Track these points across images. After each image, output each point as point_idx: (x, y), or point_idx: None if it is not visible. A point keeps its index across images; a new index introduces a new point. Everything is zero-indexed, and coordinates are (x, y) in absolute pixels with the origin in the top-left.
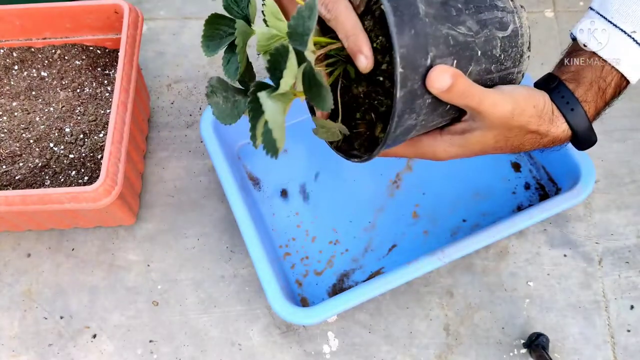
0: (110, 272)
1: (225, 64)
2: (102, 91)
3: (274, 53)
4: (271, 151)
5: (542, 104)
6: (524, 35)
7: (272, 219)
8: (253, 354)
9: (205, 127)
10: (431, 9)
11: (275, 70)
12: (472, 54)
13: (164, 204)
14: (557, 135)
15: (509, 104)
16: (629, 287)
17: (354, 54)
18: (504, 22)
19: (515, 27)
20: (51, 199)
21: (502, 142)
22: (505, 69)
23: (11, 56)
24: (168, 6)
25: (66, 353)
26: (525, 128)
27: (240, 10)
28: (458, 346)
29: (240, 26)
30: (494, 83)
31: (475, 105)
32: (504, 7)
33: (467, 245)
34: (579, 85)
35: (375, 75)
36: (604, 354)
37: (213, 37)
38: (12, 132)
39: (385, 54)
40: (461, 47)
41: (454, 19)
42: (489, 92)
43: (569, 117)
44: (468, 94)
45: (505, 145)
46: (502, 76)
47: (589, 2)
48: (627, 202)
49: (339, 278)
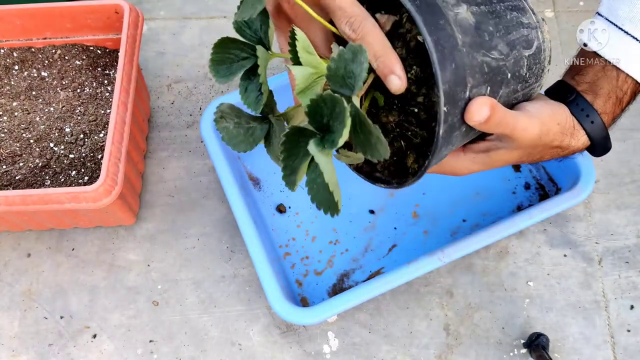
0: (111, 272)
1: (243, 92)
2: (102, 91)
3: (315, 100)
4: (333, 211)
5: (565, 120)
6: (546, 50)
7: (272, 219)
8: (253, 354)
9: (206, 127)
10: (467, 37)
11: (315, 115)
12: (503, 77)
13: (164, 204)
14: (577, 147)
15: (537, 127)
16: (629, 287)
17: (385, 75)
18: (529, 39)
19: (539, 44)
20: (51, 199)
21: (525, 158)
22: (528, 86)
23: (11, 56)
24: (168, 6)
25: (66, 353)
26: (549, 145)
27: (254, 33)
28: (458, 346)
29: (262, 53)
30: (518, 101)
31: (508, 133)
32: (528, 23)
33: (467, 245)
34: (596, 97)
35: (409, 106)
36: (604, 354)
37: (223, 61)
38: (13, 132)
39: (421, 86)
40: (494, 73)
41: (487, 44)
42: (520, 117)
43: (589, 129)
44: (503, 123)
45: (527, 159)
46: (525, 93)
47: (589, 2)
48: (627, 202)
49: (339, 278)
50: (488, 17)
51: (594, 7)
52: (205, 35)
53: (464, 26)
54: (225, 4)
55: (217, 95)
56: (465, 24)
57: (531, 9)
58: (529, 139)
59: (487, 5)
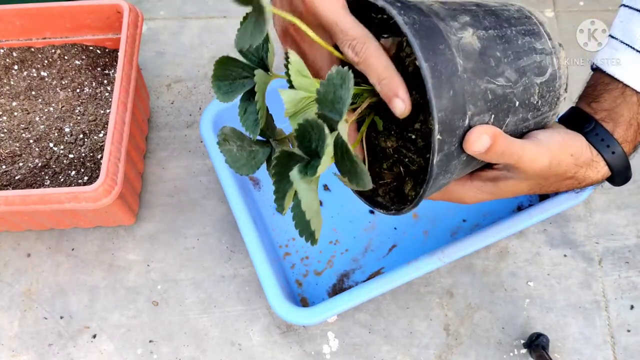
0: (110, 272)
1: (242, 114)
2: (102, 91)
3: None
4: (310, 240)
5: (580, 151)
6: (561, 77)
7: (272, 219)
8: (253, 354)
9: (205, 127)
10: (469, 63)
11: (304, 140)
12: (510, 105)
13: (164, 204)
14: (596, 179)
15: (546, 157)
16: (629, 287)
17: (389, 99)
18: (542, 66)
19: (554, 70)
20: (51, 199)
21: (536, 189)
22: (541, 114)
23: (11, 56)
24: (168, 6)
25: (66, 353)
26: (563, 176)
27: (255, 52)
28: (458, 346)
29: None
30: (529, 129)
31: (513, 163)
32: (542, 48)
33: (467, 245)
34: (617, 126)
35: (407, 132)
36: (604, 354)
37: (225, 77)
38: (12, 132)
39: (419, 112)
40: (499, 101)
41: (492, 70)
42: (527, 146)
43: (609, 160)
44: (507, 153)
45: (540, 190)
46: (537, 122)
47: (589, 2)
48: (627, 202)
49: (339, 278)
50: (496, 41)
51: (594, 7)
52: (205, 35)
53: (467, 51)
54: (225, 4)
55: None
56: (469, 48)
57: (547, 34)
58: (537, 170)
59: (497, 29)
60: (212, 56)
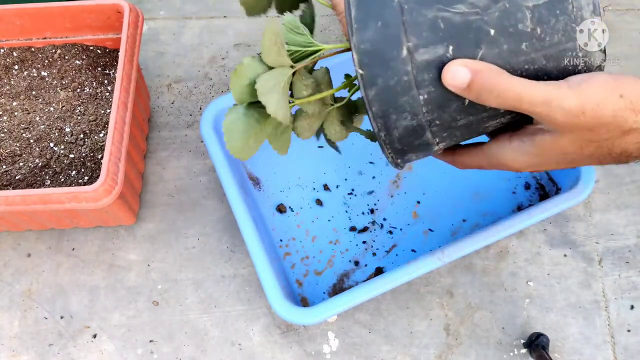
0: (111, 272)
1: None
2: (102, 91)
3: None
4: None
5: (637, 92)
6: None
7: (272, 219)
8: (253, 354)
9: (206, 127)
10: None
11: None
12: (480, 35)
13: (164, 204)
14: None
15: (572, 97)
16: (629, 287)
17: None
18: None
19: None
20: (51, 198)
21: (590, 149)
22: (550, 46)
23: (11, 56)
24: (168, 6)
25: (66, 353)
26: (617, 127)
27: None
28: (458, 346)
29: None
30: (542, 65)
31: (514, 104)
32: None
33: (467, 245)
34: None
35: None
36: (604, 354)
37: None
38: (12, 132)
39: None
40: (458, 30)
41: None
42: (537, 85)
43: None
44: (497, 90)
45: (597, 152)
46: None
47: None
48: (627, 202)
49: (339, 278)
50: None
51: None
52: (205, 35)
53: None
54: (225, 4)
55: (217, 95)
56: None
57: None
58: (562, 114)
59: None
60: (212, 56)
